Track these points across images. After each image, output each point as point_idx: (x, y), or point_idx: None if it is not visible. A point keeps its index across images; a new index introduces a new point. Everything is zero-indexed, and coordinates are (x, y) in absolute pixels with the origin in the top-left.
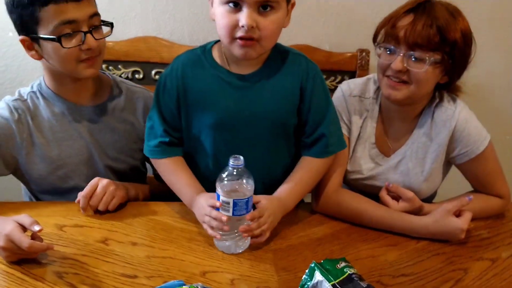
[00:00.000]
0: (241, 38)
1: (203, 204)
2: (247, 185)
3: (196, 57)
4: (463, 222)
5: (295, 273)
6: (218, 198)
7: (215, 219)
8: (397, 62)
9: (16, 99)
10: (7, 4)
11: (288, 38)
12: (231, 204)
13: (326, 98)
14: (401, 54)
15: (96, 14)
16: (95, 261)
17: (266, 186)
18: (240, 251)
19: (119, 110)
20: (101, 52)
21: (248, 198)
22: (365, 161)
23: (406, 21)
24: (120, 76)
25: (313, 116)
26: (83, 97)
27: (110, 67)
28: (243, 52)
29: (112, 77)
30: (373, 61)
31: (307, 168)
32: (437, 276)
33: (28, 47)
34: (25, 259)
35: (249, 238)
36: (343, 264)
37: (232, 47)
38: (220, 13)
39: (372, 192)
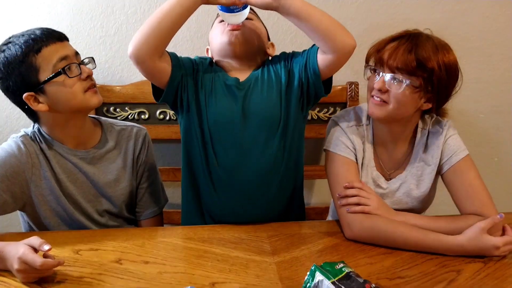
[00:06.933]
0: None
1: None
2: None
3: (209, 60)
4: (498, 240)
5: (298, 280)
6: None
7: None
8: (379, 82)
9: (22, 135)
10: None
11: None
12: None
13: None
14: (383, 75)
15: (78, 53)
16: (110, 278)
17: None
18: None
19: (110, 152)
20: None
21: None
22: (369, 185)
23: (390, 46)
24: (127, 117)
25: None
26: (79, 141)
27: (118, 109)
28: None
29: (103, 121)
30: (363, 92)
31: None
32: (431, 277)
33: (35, 101)
34: (44, 279)
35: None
36: (341, 265)
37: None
38: (216, 32)
39: None
